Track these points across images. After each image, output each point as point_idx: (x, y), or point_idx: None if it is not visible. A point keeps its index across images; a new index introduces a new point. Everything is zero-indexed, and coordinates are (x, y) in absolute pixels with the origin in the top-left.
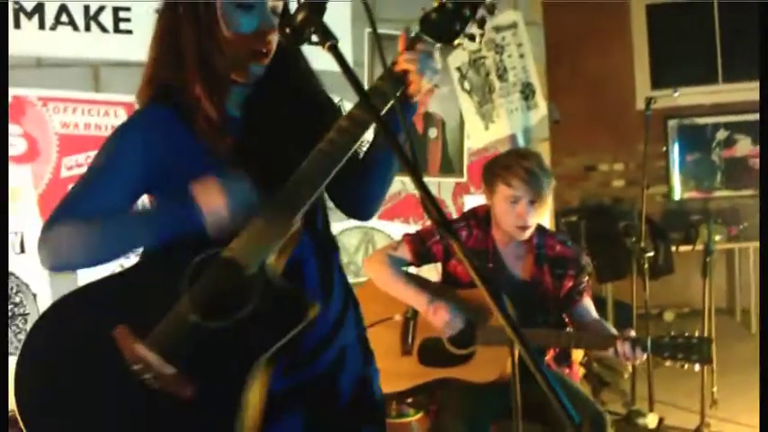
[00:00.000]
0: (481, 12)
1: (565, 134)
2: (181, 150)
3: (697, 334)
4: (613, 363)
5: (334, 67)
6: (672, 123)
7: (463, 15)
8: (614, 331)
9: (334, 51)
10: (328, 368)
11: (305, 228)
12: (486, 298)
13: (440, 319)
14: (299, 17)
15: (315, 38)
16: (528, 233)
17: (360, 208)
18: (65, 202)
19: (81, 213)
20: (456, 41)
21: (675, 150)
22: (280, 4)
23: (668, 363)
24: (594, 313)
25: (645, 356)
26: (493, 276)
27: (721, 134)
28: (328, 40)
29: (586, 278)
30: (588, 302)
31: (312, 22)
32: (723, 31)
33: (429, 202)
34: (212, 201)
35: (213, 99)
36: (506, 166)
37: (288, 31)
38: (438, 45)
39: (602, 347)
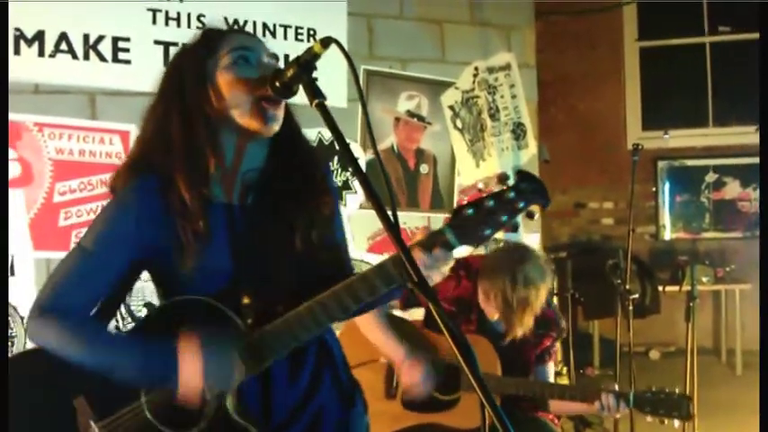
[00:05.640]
0: (516, 219)
1: (556, 171)
2: (165, 225)
3: (678, 390)
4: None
5: (329, 103)
6: (662, 165)
7: (498, 221)
8: None
9: (322, 109)
10: (305, 430)
11: None
12: (460, 362)
13: (413, 378)
14: (289, 73)
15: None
16: (493, 319)
17: None
18: (52, 290)
19: (67, 306)
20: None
21: (665, 191)
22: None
23: (649, 418)
24: (552, 379)
25: (627, 410)
26: (465, 340)
27: (710, 177)
28: (316, 97)
29: (558, 343)
30: (551, 367)
31: (300, 79)
32: (714, 74)
33: (410, 266)
34: (190, 378)
35: (192, 191)
36: (492, 278)
37: (277, 85)
38: (455, 250)
39: (586, 400)
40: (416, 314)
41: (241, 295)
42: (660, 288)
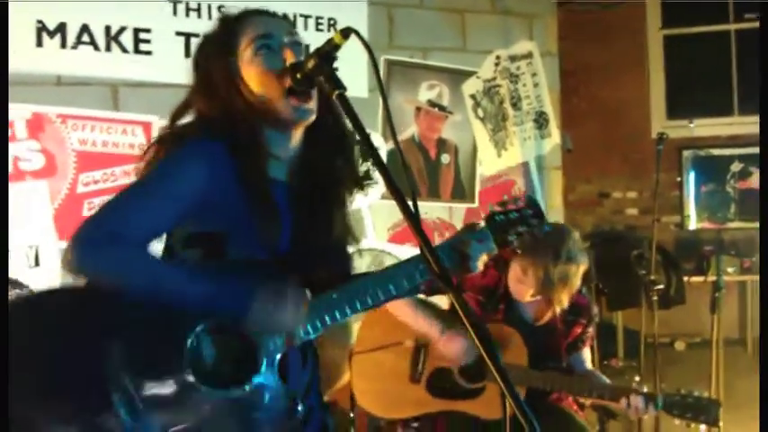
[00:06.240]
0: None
1: (580, 161)
2: (225, 188)
3: (706, 395)
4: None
5: (351, 93)
6: (687, 154)
7: (518, 231)
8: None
9: (343, 100)
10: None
11: None
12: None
13: (453, 350)
14: (309, 64)
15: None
16: (523, 301)
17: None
18: (113, 211)
19: (135, 234)
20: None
21: (690, 180)
22: (298, 38)
23: (677, 421)
24: (590, 364)
25: (655, 413)
26: (487, 331)
27: (736, 166)
28: (337, 88)
29: (592, 328)
30: (587, 353)
31: (321, 71)
32: (740, 62)
33: (430, 256)
34: (266, 320)
35: (263, 166)
36: (534, 253)
37: (298, 77)
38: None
39: (613, 399)
40: (441, 301)
41: (286, 273)
42: (685, 278)
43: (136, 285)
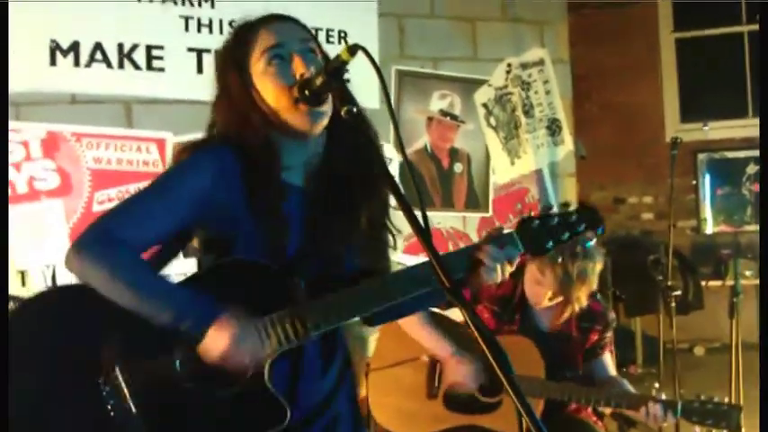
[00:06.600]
0: (580, 240)
1: (594, 166)
2: (231, 192)
3: (726, 400)
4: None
5: (364, 104)
6: (701, 157)
7: (559, 237)
8: (633, 390)
9: (352, 116)
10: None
11: None
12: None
13: (461, 376)
14: (318, 81)
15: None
16: (541, 307)
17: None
18: (112, 215)
19: (128, 240)
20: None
21: (706, 184)
22: (311, 42)
23: (697, 429)
24: (613, 370)
25: (674, 420)
26: (499, 346)
27: (751, 168)
28: (347, 104)
29: (610, 334)
30: (608, 358)
31: (330, 88)
32: (754, 63)
33: (440, 271)
34: (215, 346)
35: (277, 167)
36: (552, 254)
37: (306, 93)
38: (521, 251)
39: (632, 407)
40: (458, 314)
41: (295, 275)
42: (703, 283)
43: (121, 293)
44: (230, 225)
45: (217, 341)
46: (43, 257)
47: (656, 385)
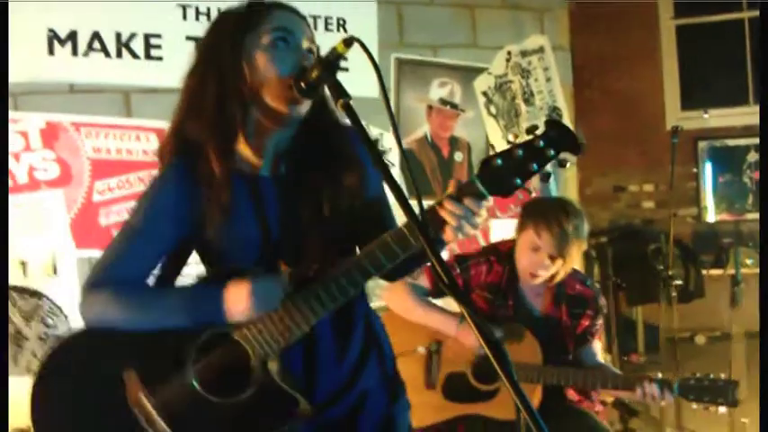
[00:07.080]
0: (548, 168)
1: (594, 154)
2: (198, 198)
3: (723, 376)
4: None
5: (364, 93)
6: (702, 145)
7: (528, 170)
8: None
9: (347, 109)
10: (348, 413)
11: None
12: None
13: (470, 340)
14: (313, 74)
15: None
16: (537, 281)
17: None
18: (102, 266)
19: (117, 278)
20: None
21: (707, 171)
22: (314, 47)
23: (694, 405)
24: (600, 357)
25: (671, 399)
26: (496, 339)
27: (752, 156)
28: (341, 97)
29: (600, 320)
30: (597, 346)
31: (325, 80)
32: (754, 50)
33: (440, 268)
34: (238, 307)
35: (220, 161)
36: (544, 214)
37: (302, 85)
38: (490, 199)
39: (627, 387)
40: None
41: (278, 264)
42: (704, 271)
43: (130, 323)
44: (203, 234)
45: (237, 301)
46: (45, 247)
47: (659, 375)
